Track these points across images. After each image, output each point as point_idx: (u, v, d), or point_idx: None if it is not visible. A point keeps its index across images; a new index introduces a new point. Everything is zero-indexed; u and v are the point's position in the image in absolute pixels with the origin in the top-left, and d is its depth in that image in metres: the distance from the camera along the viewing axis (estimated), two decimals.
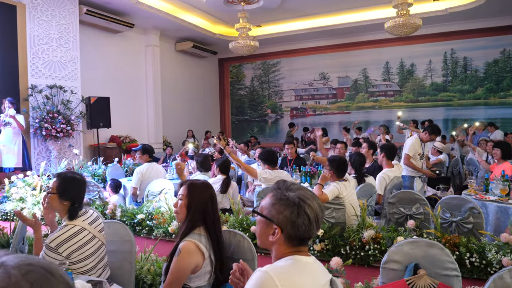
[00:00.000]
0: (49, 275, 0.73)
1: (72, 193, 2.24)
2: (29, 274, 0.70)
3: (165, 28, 11.40)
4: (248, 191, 5.97)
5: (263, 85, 14.89)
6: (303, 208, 1.42)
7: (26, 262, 0.73)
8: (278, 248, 1.46)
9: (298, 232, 1.42)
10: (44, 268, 0.73)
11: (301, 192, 1.46)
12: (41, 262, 0.75)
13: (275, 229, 1.44)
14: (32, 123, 7.66)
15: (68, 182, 2.25)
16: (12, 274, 0.69)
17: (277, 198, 1.46)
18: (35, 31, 7.95)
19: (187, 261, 1.95)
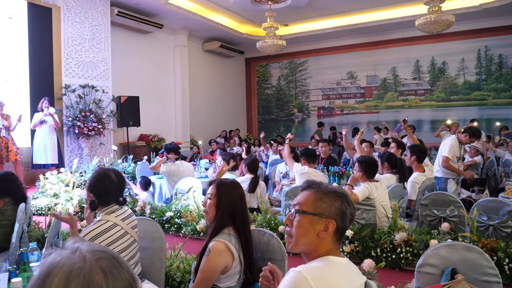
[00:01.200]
0: (118, 264, 0.77)
1: (96, 188, 2.32)
2: (101, 260, 0.75)
3: (193, 28, 11.51)
4: (276, 190, 5.95)
5: (290, 84, 14.82)
6: (349, 199, 1.45)
7: (99, 249, 0.78)
8: (322, 246, 1.43)
9: (345, 224, 1.44)
10: (114, 257, 0.78)
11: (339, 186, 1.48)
12: (111, 251, 0.80)
13: (327, 223, 1.41)
14: (66, 122, 7.90)
15: (95, 177, 2.35)
16: (87, 257, 0.75)
17: (323, 193, 1.45)
18: (69, 32, 8.20)
19: (217, 261, 1.94)
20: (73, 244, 0.79)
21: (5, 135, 6.46)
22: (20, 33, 7.59)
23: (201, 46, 13.04)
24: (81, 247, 0.78)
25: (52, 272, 0.72)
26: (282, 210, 4.71)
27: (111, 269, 0.75)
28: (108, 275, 0.74)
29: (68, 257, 0.75)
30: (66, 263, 0.73)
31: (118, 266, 0.77)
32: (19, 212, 3.21)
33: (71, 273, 0.71)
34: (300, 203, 1.49)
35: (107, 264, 0.75)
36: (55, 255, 0.76)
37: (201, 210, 4.46)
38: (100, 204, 2.32)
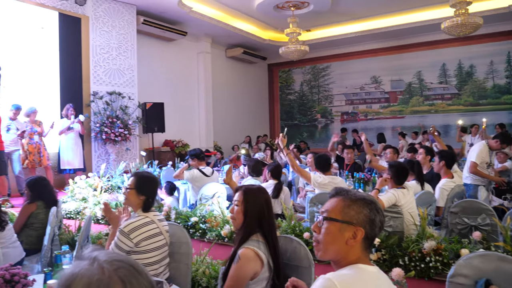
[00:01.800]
0: (137, 273, 0.77)
1: (147, 189, 2.47)
2: (120, 270, 0.75)
3: (216, 35, 11.64)
4: (300, 196, 5.91)
5: (313, 89, 14.76)
6: (378, 206, 1.42)
7: (117, 259, 0.78)
8: (351, 254, 1.41)
9: (374, 231, 1.41)
10: (132, 266, 0.78)
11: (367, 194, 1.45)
12: (130, 260, 0.80)
13: (356, 230, 1.39)
14: (93, 128, 8.11)
15: (144, 180, 2.49)
16: (105, 268, 0.75)
17: (351, 200, 1.43)
18: (97, 41, 8.44)
19: (247, 269, 1.94)
20: (91, 253, 0.80)
21: (38, 140, 6.70)
22: (51, 42, 7.86)
23: (224, 52, 13.17)
24: (99, 256, 0.78)
25: (72, 284, 0.73)
26: (307, 216, 4.67)
27: (130, 278, 0.75)
28: (127, 285, 0.74)
29: (87, 269, 0.75)
30: (85, 275, 0.74)
31: (136, 274, 0.77)
32: (50, 216, 3.30)
33: (90, 285, 0.72)
34: (328, 210, 1.47)
35: (126, 273, 0.75)
36: (74, 267, 0.77)
37: (226, 215, 4.48)
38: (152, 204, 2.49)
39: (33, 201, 3.58)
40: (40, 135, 6.75)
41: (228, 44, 12.89)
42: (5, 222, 3.02)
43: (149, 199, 2.47)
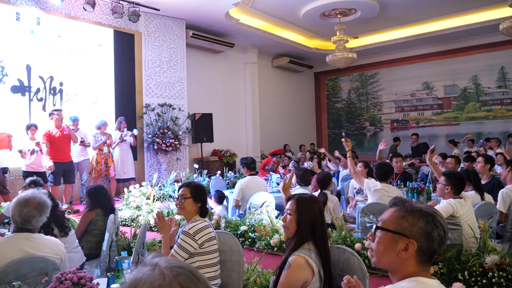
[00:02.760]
0: (195, 279, 0.79)
1: (202, 197, 2.63)
2: (179, 276, 0.77)
3: (263, 45, 11.78)
4: (349, 206, 5.78)
5: (361, 97, 14.47)
6: (437, 219, 1.34)
7: (177, 265, 0.80)
8: (405, 266, 1.35)
9: (431, 246, 1.33)
10: (191, 272, 0.80)
11: (428, 205, 1.38)
12: (189, 267, 0.82)
13: (408, 243, 1.34)
14: (146, 138, 8.45)
15: (198, 188, 2.65)
16: (166, 274, 0.77)
17: (407, 210, 1.37)
18: (149, 55, 8.83)
19: (297, 276, 1.93)
20: (152, 259, 0.82)
21: (107, 152, 7.10)
22: (107, 58, 8.33)
23: (270, 62, 13.28)
24: (160, 263, 0.80)
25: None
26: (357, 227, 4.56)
27: (189, 284, 0.77)
28: None
29: (149, 275, 0.77)
30: (147, 280, 0.76)
31: (195, 281, 0.78)
32: (108, 223, 3.47)
33: None
34: (384, 219, 1.44)
35: (185, 279, 0.77)
36: (137, 272, 0.80)
37: (275, 225, 4.48)
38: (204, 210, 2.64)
39: (93, 208, 3.77)
40: (109, 147, 7.14)
41: (274, 54, 12.99)
42: (68, 228, 3.21)
43: (203, 206, 2.61)
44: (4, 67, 6.85)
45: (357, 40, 12.17)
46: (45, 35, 7.38)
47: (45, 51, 7.38)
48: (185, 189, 2.61)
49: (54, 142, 6.26)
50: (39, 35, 7.30)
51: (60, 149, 6.34)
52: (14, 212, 2.27)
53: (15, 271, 2.13)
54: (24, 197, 2.30)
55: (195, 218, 2.56)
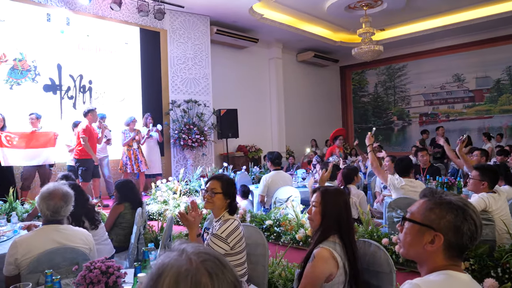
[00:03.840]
0: (222, 266, 0.79)
1: (232, 192, 2.52)
2: (206, 262, 0.78)
3: (287, 40, 11.70)
4: (376, 201, 5.69)
5: (388, 90, 14.17)
6: (469, 213, 1.27)
7: (204, 251, 0.81)
8: (433, 260, 1.31)
9: (461, 240, 1.27)
10: (218, 259, 0.80)
11: (461, 197, 1.32)
12: (215, 253, 0.82)
13: (435, 236, 1.30)
14: (172, 134, 8.58)
15: (230, 183, 2.55)
16: (193, 259, 0.78)
17: (435, 202, 1.32)
18: (174, 52, 8.95)
19: (321, 268, 1.92)
20: (179, 245, 0.83)
21: (136, 148, 7.26)
22: (134, 56, 8.49)
23: (295, 57, 13.19)
24: (187, 248, 0.81)
25: (163, 274, 0.76)
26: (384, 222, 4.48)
27: (216, 270, 0.77)
28: (213, 276, 0.76)
29: (176, 259, 0.78)
30: (174, 264, 0.77)
31: (222, 267, 0.79)
32: (136, 216, 3.54)
33: (179, 275, 0.75)
34: (412, 211, 1.41)
35: (212, 266, 0.78)
36: (164, 257, 0.81)
37: (300, 219, 4.46)
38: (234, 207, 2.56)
39: (121, 202, 3.87)
40: (138, 142, 7.30)
41: (299, 49, 12.89)
42: (98, 221, 3.31)
43: (233, 202, 2.52)
44: (36, 66, 7.10)
45: (383, 33, 11.92)
46: (75, 35, 7.59)
47: (75, 51, 7.60)
48: (215, 183, 2.50)
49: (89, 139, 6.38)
50: (69, 35, 7.52)
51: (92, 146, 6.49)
52: (42, 207, 2.34)
53: (48, 261, 2.21)
54: (47, 191, 2.36)
55: (223, 215, 2.46)
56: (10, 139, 5.73)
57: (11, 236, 3.20)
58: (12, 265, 2.22)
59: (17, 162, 5.83)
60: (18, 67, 6.88)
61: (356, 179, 4.77)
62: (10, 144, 5.72)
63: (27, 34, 6.99)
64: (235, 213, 2.53)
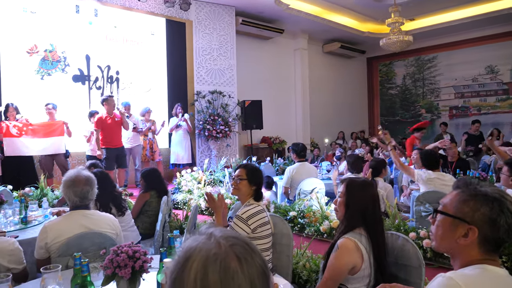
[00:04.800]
0: (251, 250, 0.77)
1: (257, 180, 2.59)
2: (235, 246, 0.76)
3: (313, 31, 11.54)
4: (403, 195, 5.56)
5: (417, 83, 13.78)
6: (506, 205, 1.20)
7: (232, 235, 0.79)
8: (467, 253, 1.26)
9: (497, 234, 1.21)
10: (247, 244, 0.78)
11: (497, 188, 1.25)
12: (244, 238, 0.80)
13: (469, 229, 1.24)
14: (197, 125, 8.64)
15: (254, 171, 2.61)
16: (222, 243, 0.76)
17: (470, 194, 1.26)
18: (199, 43, 8.97)
19: (346, 259, 1.88)
20: (207, 229, 0.81)
21: (151, 137, 7.37)
22: (160, 47, 8.56)
23: (321, 48, 13.00)
24: (215, 232, 0.79)
25: (191, 257, 0.74)
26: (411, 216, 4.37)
27: (245, 255, 0.75)
28: (242, 261, 0.74)
29: (204, 243, 0.76)
30: (203, 248, 0.75)
31: (251, 252, 0.77)
32: (162, 204, 3.58)
33: (208, 259, 0.73)
34: (444, 203, 1.34)
35: (241, 250, 0.75)
36: (192, 241, 0.79)
37: (325, 211, 4.41)
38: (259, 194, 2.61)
39: (147, 190, 3.92)
40: (153, 133, 7.40)
41: (325, 40, 12.69)
42: (125, 208, 3.36)
43: (258, 189, 2.58)
44: (66, 57, 7.26)
45: (413, 23, 11.56)
46: (102, 26, 7.72)
47: (103, 42, 7.73)
48: (241, 170, 2.61)
49: (106, 128, 6.30)
50: (97, 26, 7.65)
51: (112, 135, 6.39)
52: (69, 195, 2.38)
53: (77, 245, 2.25)
54: (69, 179, 2.39)
55: (249, 202, 2.53)
56: (19, 129, 5.82)
57: (42, 221, 3.30)
58: (42, 249, 2.28)
59: (28, 151, 5.89)
60: (49, 58, 7.06)
61: (384, 172, 4.67)
62: (19, 134, 5.79)
63: (57, 26, 7.15)
64: (261, 200, 2.57)
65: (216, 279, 0.71)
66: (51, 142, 6.07)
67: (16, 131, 5.78)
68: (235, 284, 0.72)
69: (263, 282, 0.76)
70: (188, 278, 0.72)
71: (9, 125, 5.75)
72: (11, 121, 5.83)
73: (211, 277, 0.71)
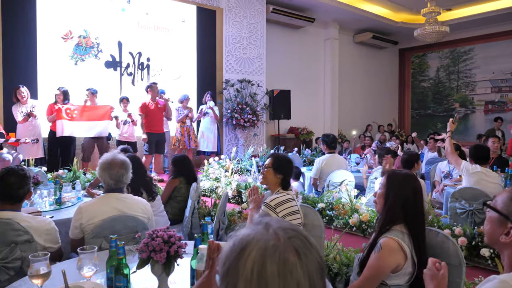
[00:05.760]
0: (309, 244, 0.74)
1: (284, 169, 2.54)
2: (294, 239, 0.73)
3: (344, 20, 11.29)
4: (436, 191, 5.38)
5: (451, 75, 13.30)
6: None
7: (290, 227, 0.76)
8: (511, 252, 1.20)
9: None
10: (304, 237, 0.75)
11: None
12: (302, 231, 0.77)
13: (510, 228, 1.18)
14: (225, 114, 8.64)
15: (280, 159, 2.58)
16: (280, 235, 0.73)
17: None
18: (229, 31, 8.92)
19: (388, 260, 1.81)
20: (262, 218, 0.78)
21: (189, 125, 7.42)
22: (190, 35, 8.56)
23: (352, 38, 12.73)
24: (271, 223, 0.76)
25: (248, 247, 0.72)
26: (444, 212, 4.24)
27: (304, 249, 0.72)
28: (302, 255, 0.71)
29: (262, 233, 0.73)
30: (260, 239, 0.72)
31: (309, 246, 0.74)
32: (191, 190, 3.59)
33: (266, 250, 0.70)
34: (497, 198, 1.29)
35: (299, 244, 0.72)
36: (249, 230, 0.76)
37: (354, 204, 4.32)
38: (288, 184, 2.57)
39: (177, 176, 3.94)
40: (190, 120, 7.45)
41: (357, 29, 12.41)
42: (155, 193, 3.39)
43: (286, 178, 2.53)
44: (99, 43, 7.37)
45: (450, 13, 11.13)
46: (135, 13, 7.78)
47: (134, 28, 7.79)
48: (269, 159, 2.60)
49: (149, 114, 6.63)
50: (129, 13, 7.71)
51: (155, 121, 6.72)
52: (104, 177, 2.41)
53: (111, 227, 2.28)
54: (106, 161, 2.42)
55: (278, 190, 2.50)
56: (70, 112, 6.06)
57: (75, 202, 3.37)
58: (77, 229, 2.32)
59: (75, 133, 6.15)
60: (83, 43, 7.19)
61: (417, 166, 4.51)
62: (70, 116, 6.05)
63: (91, 12, 7.25)
64: (288, 188, 2.55)
65: (274, 271, 0.68)
66: (97, 125, 6.27)
67: (67, 114, 6.01)
68: (293, 279, 0.68)
69: (321, 278, 0.72)
70: (244, 268, 0.70)
71: (61, 108, 5.99)
72: (63, 105, 6.05)
73: (269, 269, 0.68)
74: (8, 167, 2.33)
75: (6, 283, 2.01)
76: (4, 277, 2.09)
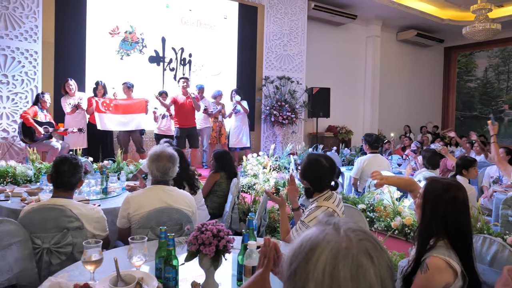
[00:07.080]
0: (379, 247, 0.71)
1: (310, 175, 2.34)
2: (364, 241, 0.70)
3: (388, 17, 10.98)
4: (484, 197, 5.13)
5: (501, 76, 12.63)
6: None
7: (359, 229, 0.73)
8: None
9: None
10: (375, 239, 0.72)
11: None
12: (369, 232, 0.74)
13: None
14: (263, 110, 8.63)
15: (307, 164, 2.36)
16: (352, 237, 0.70)
17: None
18: (270, 28, 8.90)
19: (437, 281, 1.65)
20: (329, 219, 0.76)
21: (221, 120, 7.49)
22: (231, 31, 8.61)
23: (395, 35, 12.36)
24: (340, 223, 0.73)
25: (318, 248, 0.69)
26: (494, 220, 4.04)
27: (375, 253, 0.69)
28: (374, 259, 0.68)
29: (333, 234, 0.71)
30: (331, 240, 0.70)
31: (379, 249, 0.71)
32: (232, 186, 3.61)
33: (339, 253, 0.68)
34: None
35: (371, 247, 0.69)
36: (317, 230, 0.73)
37: (397, 206, 4.20)
38: (315, 190, 2.33)
39: (217, 171, 3.97)
40: (223, 115, 7.51)
41: (400, 27, 12.03)
42: (197, 187, 3.43)
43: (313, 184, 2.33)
44: (144, 39, 7.56)
45: (502, 9, 10.56)
46: (178, 9, 7.91)
47: (178, 24, 7.93)
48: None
49: (179, 108, 6.70)
50: (173, 9, 7.85)
51: (185, 115, 6.76)
52: (152, 169, 2.47)
53: (157, 218, 2.33)
54: (155, 153, 2.47)
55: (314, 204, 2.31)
56: (106, 105, 6.27)
57: (120, 192, 3.48)
58: (124, 219, 2.39)
59: (112, 126, 6.35)
60: (128, 39, 7.39)
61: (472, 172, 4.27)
62: (106, 109, 6.25)
63: (136, 8, 7.45)
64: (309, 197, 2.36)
65: (347, 275, 0.66)
66: (133, 119, 6.45)
67: (104, 107, 6.22)
68: (366, 283, 0.66)
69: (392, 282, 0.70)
70: (314, 270, 0.68)
71: (98, 101, 6.22)
72: (100, 98, 6.28)
73: (342, 273, 0.66)
74: (62, 156, 2.42)
75: (58, 267, 2.09)
76: (56, 261, 2.18)
